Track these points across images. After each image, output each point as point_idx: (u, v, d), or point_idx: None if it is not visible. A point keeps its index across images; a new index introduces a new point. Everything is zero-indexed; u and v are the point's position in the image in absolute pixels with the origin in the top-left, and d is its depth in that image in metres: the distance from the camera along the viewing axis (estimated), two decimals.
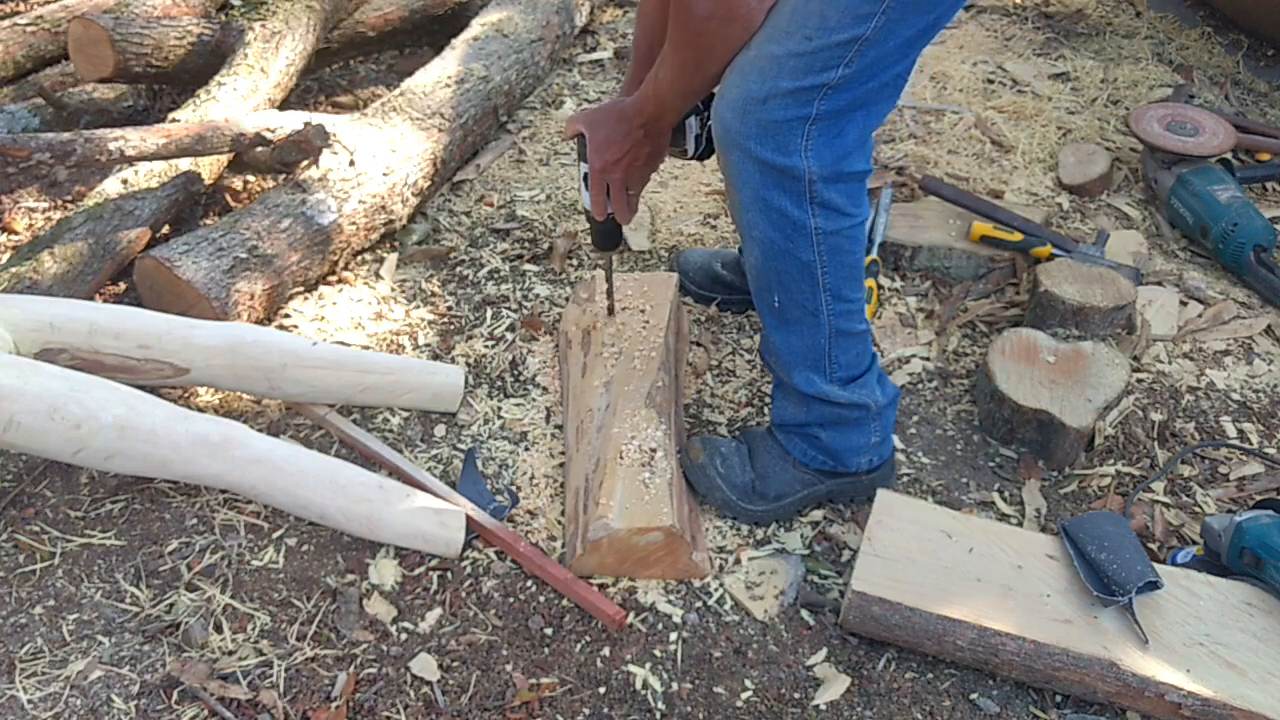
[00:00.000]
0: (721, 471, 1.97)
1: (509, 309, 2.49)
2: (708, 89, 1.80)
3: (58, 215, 2.71)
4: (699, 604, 1.85)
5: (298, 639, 1.76)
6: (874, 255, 2.60)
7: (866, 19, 1.57)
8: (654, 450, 1.92)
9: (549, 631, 1.79)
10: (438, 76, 2.90)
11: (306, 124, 2.48)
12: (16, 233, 2.67)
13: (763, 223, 1.73)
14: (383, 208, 2.57)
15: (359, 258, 2.62)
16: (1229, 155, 3.00)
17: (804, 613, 1.85)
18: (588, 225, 2.10)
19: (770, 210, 1.71)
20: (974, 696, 1.73)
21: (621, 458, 1.90)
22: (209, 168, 2.63)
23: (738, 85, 1.66)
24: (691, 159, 2.02)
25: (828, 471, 1.98)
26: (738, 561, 1.92)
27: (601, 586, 1.86)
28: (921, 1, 1.60)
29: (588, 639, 1.79)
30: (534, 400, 2.25)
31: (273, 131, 2.51)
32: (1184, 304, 2.55)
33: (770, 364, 1.95)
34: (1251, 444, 2.21)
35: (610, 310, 2.22)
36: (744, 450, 2.01)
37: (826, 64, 1.60)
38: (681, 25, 1.67)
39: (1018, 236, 2.59)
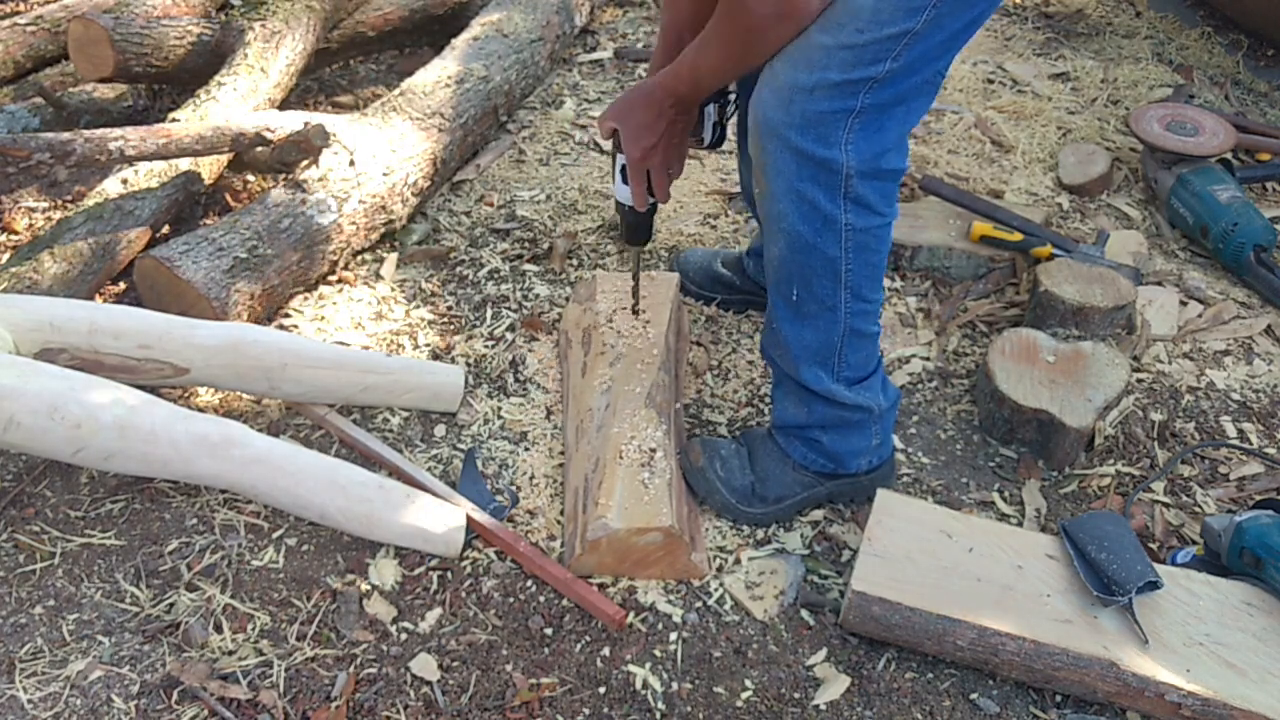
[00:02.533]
0: (721, 475, 1.97)
1: (509, 309, 2.49)
2: (744, 76, 1.79)
3: (58, 215, 2.71)
4: (699, 604, 1.85)
5: (298, 639, 1.76)
6: None
7: (917, 12, 1.56)
8: (653, 450, 1.92)
9: (549, 631, 1.80)
10: (438, 76, 2.90)
11: (306, 124, 2.48)
12: (16, 233, 2.67)
13: (793, 215, 1.72)
14: (382, 207, 2.57)
15: (359, 258, 2.62)
16: (1229, 155, 3.00)
17: (804, 613, 1.85)
18: (620, 220, 2.06)
19: (803, 202, 1.70)
20: (974, 696, 1.73)
21: (621, 458, 1.90)
22: (209, 168, 2.63)
23: (784, 74, 1.64)
24: (706, 148, 2.00)
25: (828, 474, 1.97)
26: (738, 561, 1.92)
27: (601, 586, 1.86)
28: None
29: (588, 639, 1.79)
30: (534, 400, 2.25)
31: (273, 131, 2.51)
32: (1184, 304, 2.55)
33: (775, 359, 1.94)
34: (1251, 444, 2.21)
35: (635, 308, 2.18)
36: (743, 452, 2.01)
37: (876, 57, 1.59)
38: (733, 21, 1.65)
39: (1018, 236, 2.59)
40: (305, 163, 2.50)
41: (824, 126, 1.63)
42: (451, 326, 2.44)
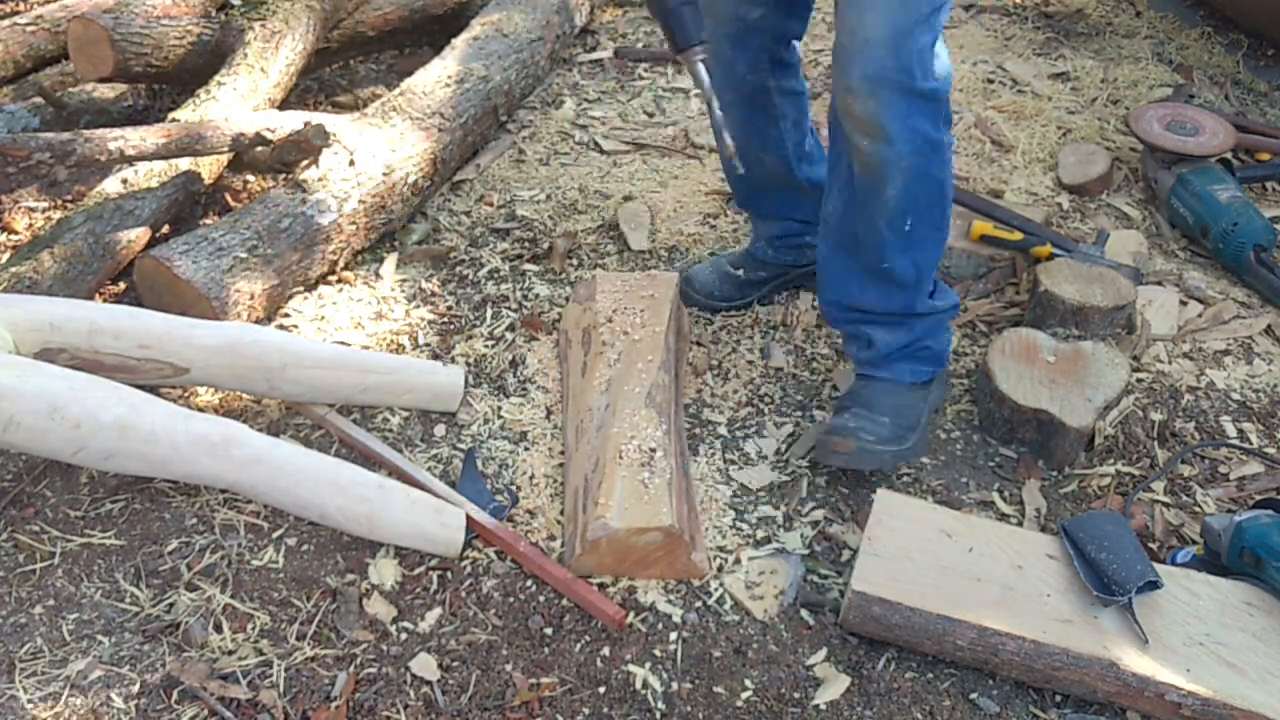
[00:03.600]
0: (872, 439, 1.99)
1: (509, 309, 2.49)
2: None
3: (58, 215, 2.71)
4: (699, 604, 1.85)
5: (298, 639, 1.76)
6: None
7: None
8: (653, 450, 1.91)
9: (549, 631, 1.80)
10: (438, 76, 2.90)
11: (306, 124, 2.48)
12: (16, 232, 2.67)
13: (911, 152, 1.82)
14: (382, 207, 2.57)
15: (359, 257, 2.62)
16: (1229, 155, 3.00)
17: (804, 613, 1.85)
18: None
19: (916, 137, 1.80)
20: (974, 696, 1.73)
21: (621, 457, 1.90)
22: (209, 167, 2.63)
23: (885, 22, 1.71)
24: (680, 51, 1.86)
25: (930, 380, 2.12)
26: (738, 561, 1.92)
27: (601, 586, 1.86)
28: None
29: (588, 639, 1.79)
30: (534, 400, 2.25)
31: (273, 131, 2.51)
32: (1184, 304, 2.55)
33: (865, 304, 2.04)
34: (1251, 444, 2.21)
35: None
36: (861, 411, 2.04)
37: None
38: None
39: (1018, 236, 2.59)
40: (305, 163, 2.50)
41: (925, 60, 1.75)
42: (451, 326, 2.44)
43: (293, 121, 2.58)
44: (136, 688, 1.68)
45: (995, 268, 2.60)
